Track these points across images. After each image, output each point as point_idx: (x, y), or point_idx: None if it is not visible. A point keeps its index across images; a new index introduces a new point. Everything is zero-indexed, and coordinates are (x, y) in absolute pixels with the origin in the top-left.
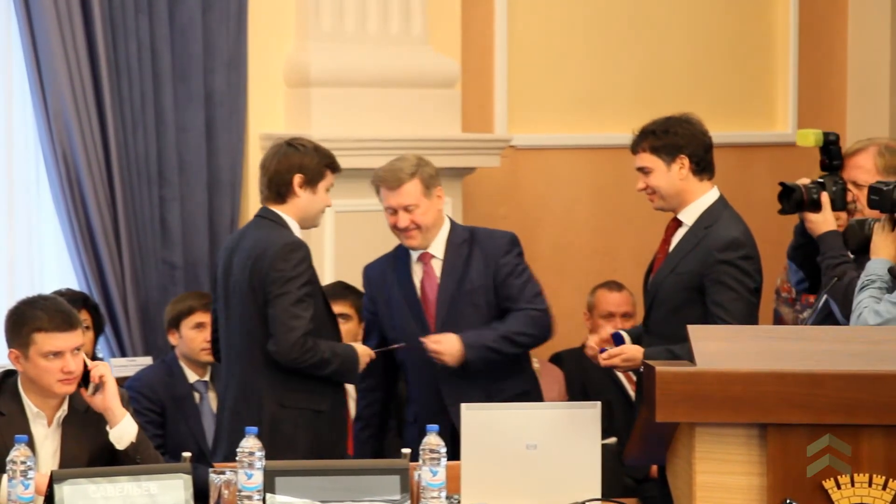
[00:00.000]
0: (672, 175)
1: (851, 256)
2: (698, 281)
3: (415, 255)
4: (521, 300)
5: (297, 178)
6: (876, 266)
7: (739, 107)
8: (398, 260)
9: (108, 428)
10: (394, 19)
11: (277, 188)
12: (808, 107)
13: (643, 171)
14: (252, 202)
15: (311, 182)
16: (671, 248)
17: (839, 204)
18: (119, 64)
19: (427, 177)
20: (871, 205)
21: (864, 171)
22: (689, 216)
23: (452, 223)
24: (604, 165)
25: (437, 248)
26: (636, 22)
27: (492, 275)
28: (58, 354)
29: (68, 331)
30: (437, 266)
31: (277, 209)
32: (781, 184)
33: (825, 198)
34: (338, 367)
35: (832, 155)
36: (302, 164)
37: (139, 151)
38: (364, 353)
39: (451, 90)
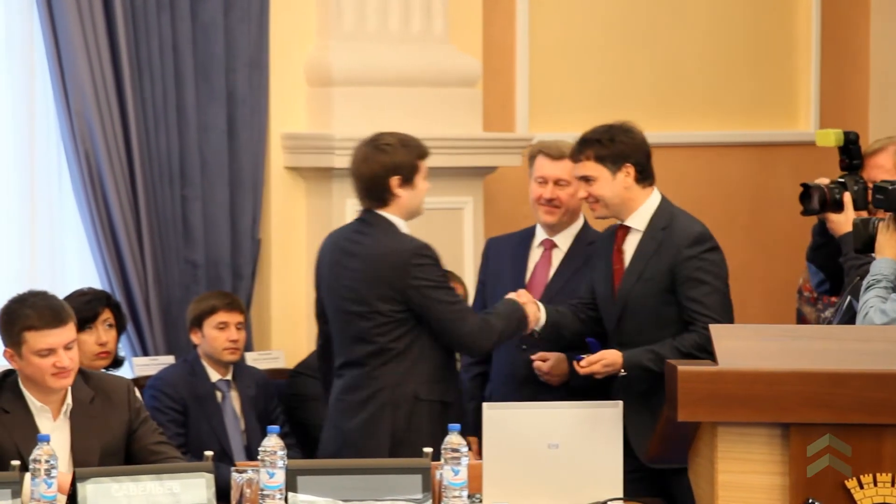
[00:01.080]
0: (617, 184)
1: (874, 256)
2: (669, 281)
3: (539, 238)
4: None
5: (395, 180)
6: (881, 265)
7: (761, 106)
8: (521, 240)
9: None
10: (415, 18)
11: (377, 193)
12: (829, 105)
13: (586, 179)
14: (273, 202)
15: (408, 179)
16: (628, 256)
17: (861, 203)
18: (141, 63)
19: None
20: (877, 203)
21: (884, 170)
22: (638, 221)
23: (587, 222)
24: None
25: (565, 239)
26: (657, 21)
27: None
28: (50, 352)
29: (59, 327)
30: (556, 256)
31: (381, 211)
32: (803, 185)
33: (847, 198)
34: (511, 326)
35: (852, 154)
36: (394, 164)
37: (161, 150)
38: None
39: (472, 89)
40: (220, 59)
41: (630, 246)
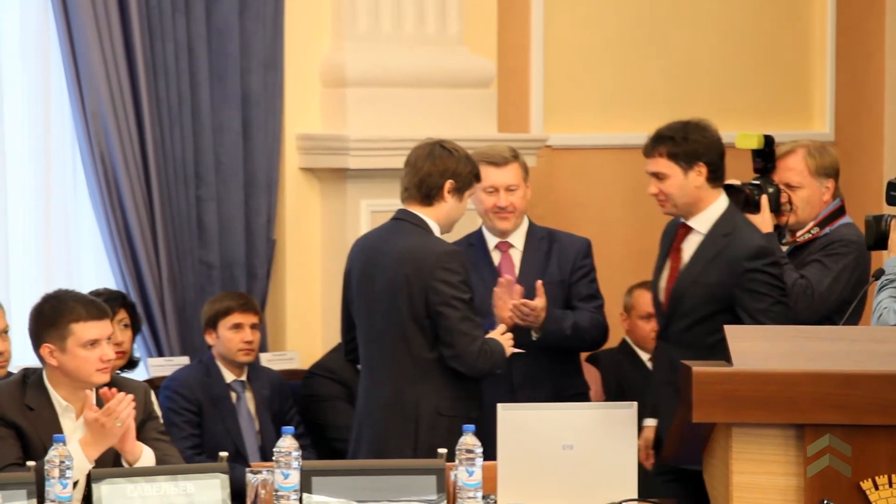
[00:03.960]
0: (688, 182)
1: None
2: (727, 292)
3: (492, 242)
4: (589, 302)
5: (449, 184)
6: (894, 264)
7: (776, 106)
8: (474, 247)
9: (123, 462)
10: (430, 19)
11: (427, 190)
12: (844, 107)
13: (657, 176)
14: (288, 202)
15: (461, 190)
16: (686, 256)
17: (774, 206)
18: (156, 64)
19: (525, 164)
20: (890, 201)
21: (795, 172)
22: (702, 224)
23: (530, 220)
24: (640, 165)
25: (517, 239)
26: (672, 21)
27: (568, 272)
28: (95, 343)
29: (104, 319)
30: (515, 256)
31: (420, 212)
32: (728, 185)
33: (764, 200)
34: (500, 363)
35: (767, 158)
36: (456, 170)
37: (176, 152)
38: (507, 342)
39: (486, 90)
40: (235, 61)
41: (689, 246)
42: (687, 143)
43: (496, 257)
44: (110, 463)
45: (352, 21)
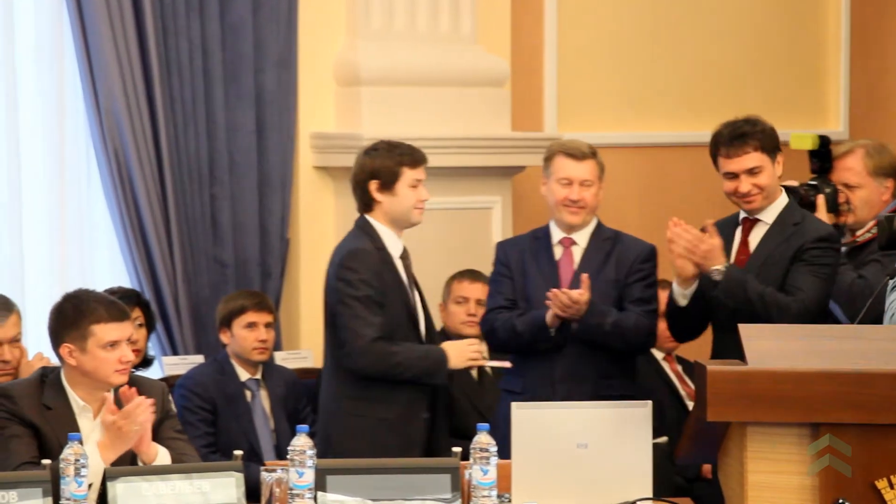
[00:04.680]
0: (775, 173)
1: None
2: (786, 270)
3: (556, 237)
4: (639, 306)
5: (374, 185)
6: None
7: (790, 106)
8: (539, 240)
9: (139, 462)
10: (443, 18)
11: (361, 198)
12: (859, 106)
13: (751, 171)
14: (302, 201)
15: (388, 185)
16: (753, 246)
17: (832, 206)
18: (170, 63)
19: (602, 164)
20: None
21: (853, 172)
22: (769, 215)
23: (599, 220)
24: (653, 164)
25: (582, 237)
26: (686, 21)
27: (624, 273)
28: (115, 344)
29: (124, 320)
30: (576, 252)
31: (368, 216)
32: (784, 186)
33: (821, 200)
34: (417, 372)
35: (824, 158)
36: (374, 168)
37: (190, 150)
38: (462, 351)
39: (500, 89)
40: (249, 59)
41: (756, 237)
42: (767, 135)
43: (557, 252)
44: (126, 462)
45: (366, 20)
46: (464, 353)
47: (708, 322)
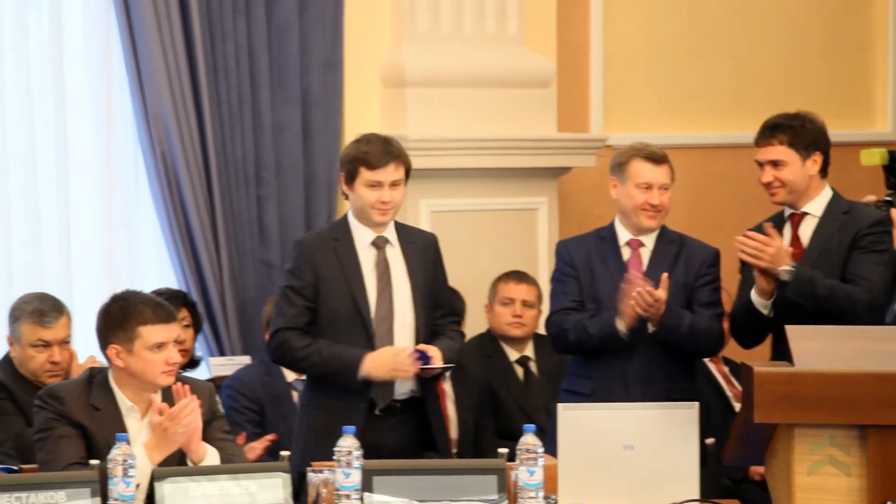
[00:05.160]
0: (805, 170)
1: None
2: (846, 257)
3: (623, 238)
4: (709, 309)
5: (341, 178)
6: None
7: (837, 105)
8: (604, 241)
9: (188, 462)
10: (489, 19)
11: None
12: None
13: (774, 163)
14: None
15: (349, 180)
16: (806, 238)
17: None
18: (217, 65)
19: (672, 167)
20: None
21: None
22: (815, 207)
23: (664, 224)
24: (698, 164)
25: (649, 239)
26: (732, 20)
27: (693, 277)
28: (162, 346)
29: (171, 322)
30: (644, 254)
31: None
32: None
33: (893, 213)
34: (324, 371)
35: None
36: (343, 160)
37: (237, 152)
38: (385, 362)
39: (546, 90)
40: (295, 61)
41: (807, 230)
42: (805, 132)
43: (625, 253)
44: (175, 462)
45: (411, 21)
46: (386, 364)
47: (778, 326)
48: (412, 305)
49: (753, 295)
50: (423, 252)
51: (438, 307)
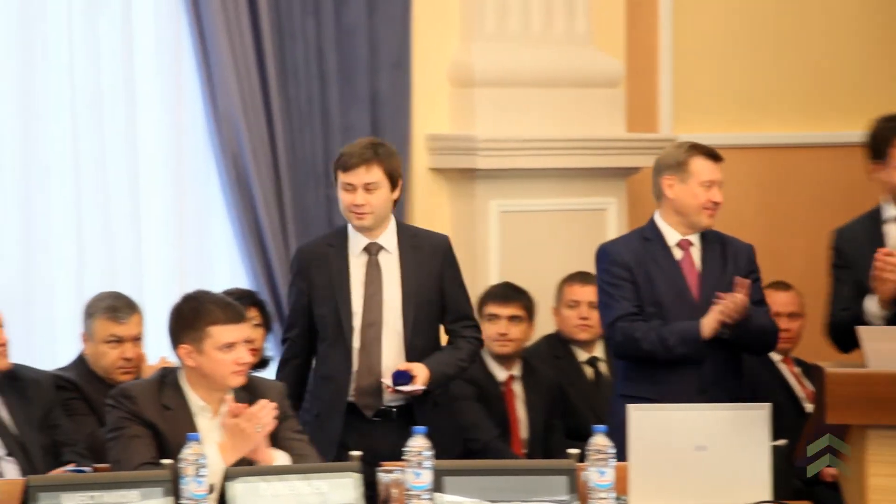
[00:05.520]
0: None
1: None
2: None
3: (672, 239)
4: (761, 306)
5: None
6: None
7: None
8: (650, 241)
9: None
10: (558, 19)
11: None
12: None
13: None
14: (417, 203)
15: (334, 183)
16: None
17: None
18: (286, 65)
19: None
20: None
21: None
22: None
23: None
24: (770, 165)
25: (695, 238)
26: (803, 19)
27: (742, 274)
28: (232, 346)
29: (241, 322)
30: (695, 254)
31: None
32: None
33: None
34: None
35: None
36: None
37: (306, 152)
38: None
39: (615, 90)
40: (364, 61)
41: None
42: None
43: (677, 254)
44: (245, 462)
45: (480, 21)
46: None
47: None
48: (401, 313)
49: (871, 305)
50: (427, 257)
51: (450, 312)
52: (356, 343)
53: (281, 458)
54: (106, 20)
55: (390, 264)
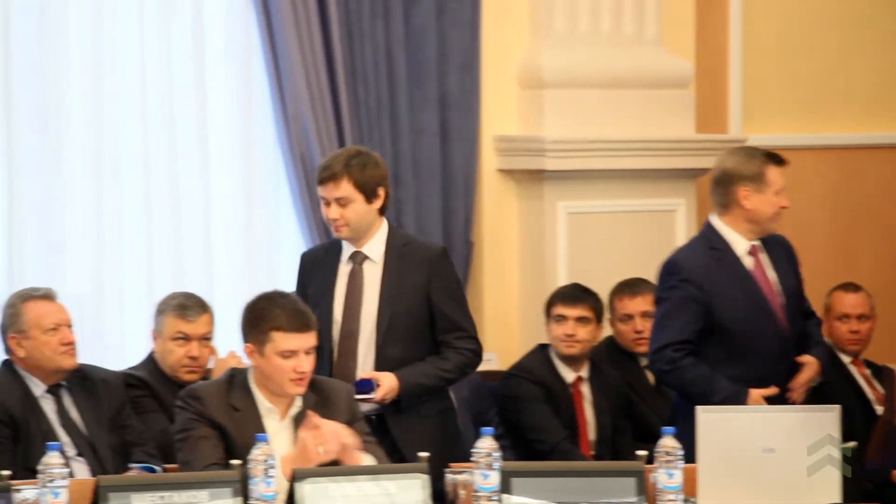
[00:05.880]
0: None
1: None
2: None
3: (740, 247)
4: (806, 302)
5: None
6: None
7: None
8: (719, 251)
9: None
10: (627, 20)
11: None
12: None
13: None
14: (486, 204)
15: None
16: None
17: None
18: (355, 68)
19: None
20: None
21: None
22: None
23: None
24: (840, 165)
25: (757, 242)
26: (872, 19)
27: (797, 269)
28: (292, 354)
29: (304, 332)
30: (763, 260)
31: None
32: None
33: None
34: None
35: None
36: None
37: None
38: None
39: (684, 91)
40: (433, 63)
41: None
42: None
43: (748, 263)
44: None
45: (549, 22)
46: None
47: None
48: (375, 324)
49: None
50: (414, 267)
51: (439, 323)
52: (336, 352)
53: (367, 462)
54: (177, 22)
55: (373, 274)
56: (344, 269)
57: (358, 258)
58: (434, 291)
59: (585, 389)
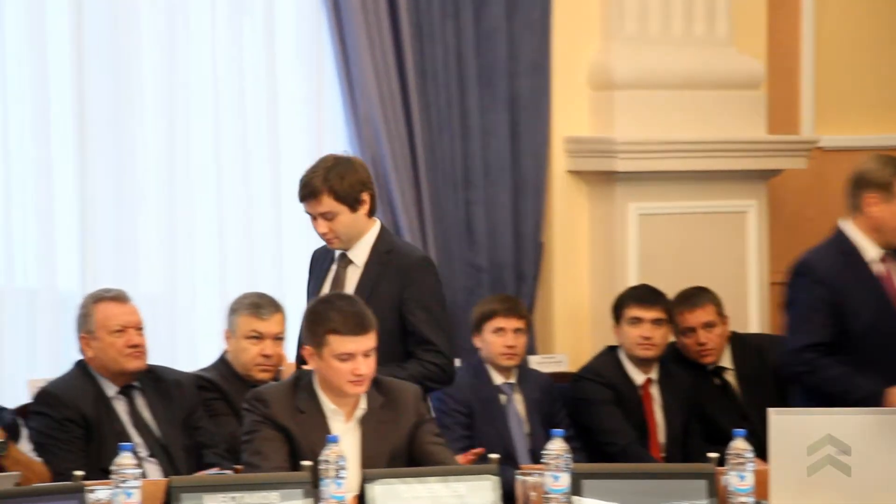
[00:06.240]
0: None
1: None
2: None
3: (870, 254)
4: None
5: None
6: None
7: None
8: (849, 258)
9: None
10: (698, 21)
11: None
12: None
13: None
14: (556, 205)
15: None
16: None
17: None
18: (425, 68)
19: None
20: None
21: None
22: None
23: None
24: None
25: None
26: None
27: None
28: (349, 357)
29: (361, 335)
30: (893, 269)
31: None
32: None
33: None
34: None
35: None
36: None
37: (445, 155)
38: None
39: (755, 91)
40: (503, 65)
41: None
42: None
43: (878, 269)
44: (406, 451)
45: (619, 23)
46: None
47: None
48: None
49: None
50: (390, 274)
51: (409, 335)
52: None
53: None
54: (248, 24)
55: (354, 278)
56: (332, 271)
57: (343, 261)
58: (405, 302)
59: (655, 391)
